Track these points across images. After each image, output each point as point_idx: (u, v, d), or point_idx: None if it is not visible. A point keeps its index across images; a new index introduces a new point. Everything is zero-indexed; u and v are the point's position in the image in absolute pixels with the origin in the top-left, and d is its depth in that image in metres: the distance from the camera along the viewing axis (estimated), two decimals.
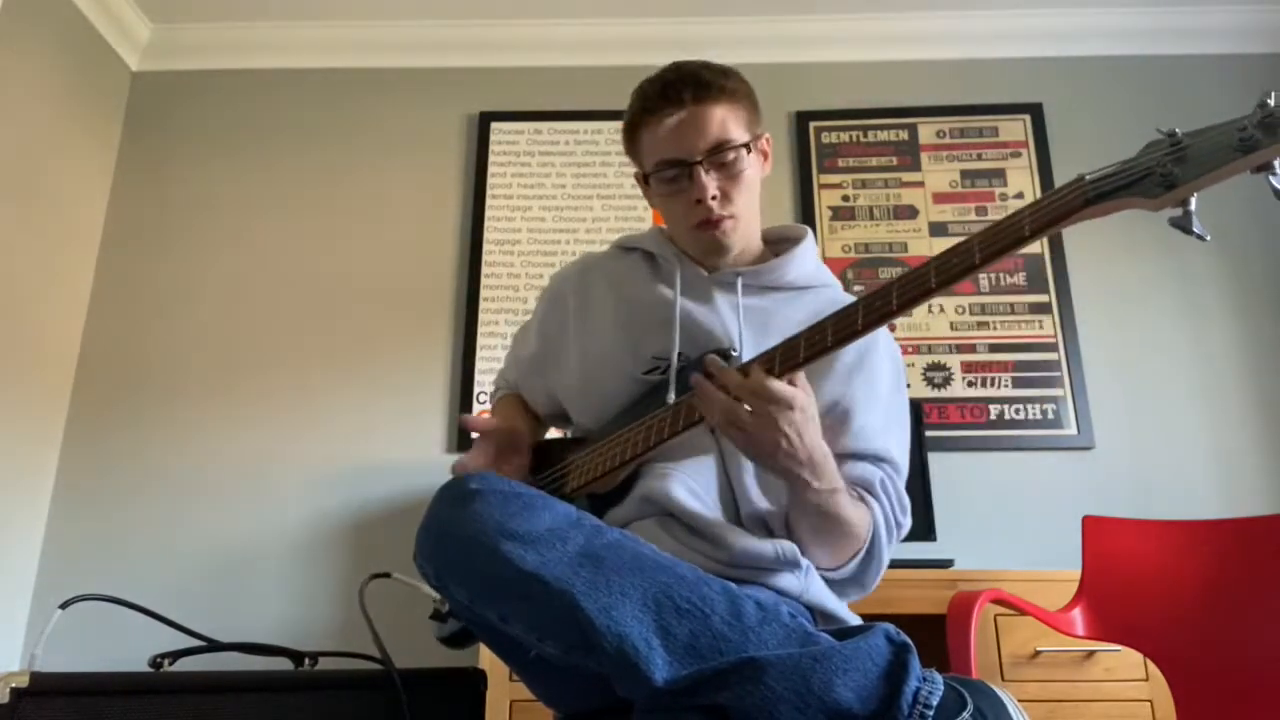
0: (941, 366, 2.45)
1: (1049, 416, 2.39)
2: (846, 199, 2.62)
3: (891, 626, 0.80)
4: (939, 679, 0.76)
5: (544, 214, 2.64)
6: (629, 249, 1.28)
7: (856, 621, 1.04)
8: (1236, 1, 2.64)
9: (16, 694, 1.09)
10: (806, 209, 2.60)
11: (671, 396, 1.08)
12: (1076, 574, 1.63)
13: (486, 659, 1.64)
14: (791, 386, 0.92)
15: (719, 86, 1.12)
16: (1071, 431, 2.37)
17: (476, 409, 2.43)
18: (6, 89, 2.27)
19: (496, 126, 2.72)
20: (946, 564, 1.99)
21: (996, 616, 1.79)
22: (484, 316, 2.52)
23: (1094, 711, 1.72)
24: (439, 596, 1.11)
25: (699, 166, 1.10)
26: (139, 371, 2.51)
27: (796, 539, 1.05)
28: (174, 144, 2.74)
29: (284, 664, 1.45)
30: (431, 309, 2.56)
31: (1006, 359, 2.44)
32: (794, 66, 2.72)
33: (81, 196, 2.58)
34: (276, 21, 2.78)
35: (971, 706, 0.75)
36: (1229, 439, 2.37)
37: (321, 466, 2.42)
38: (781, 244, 1.23)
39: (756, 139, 1.15)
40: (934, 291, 0.87)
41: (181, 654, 1.40)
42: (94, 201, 2.64)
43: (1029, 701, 1.69)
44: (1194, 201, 0.76)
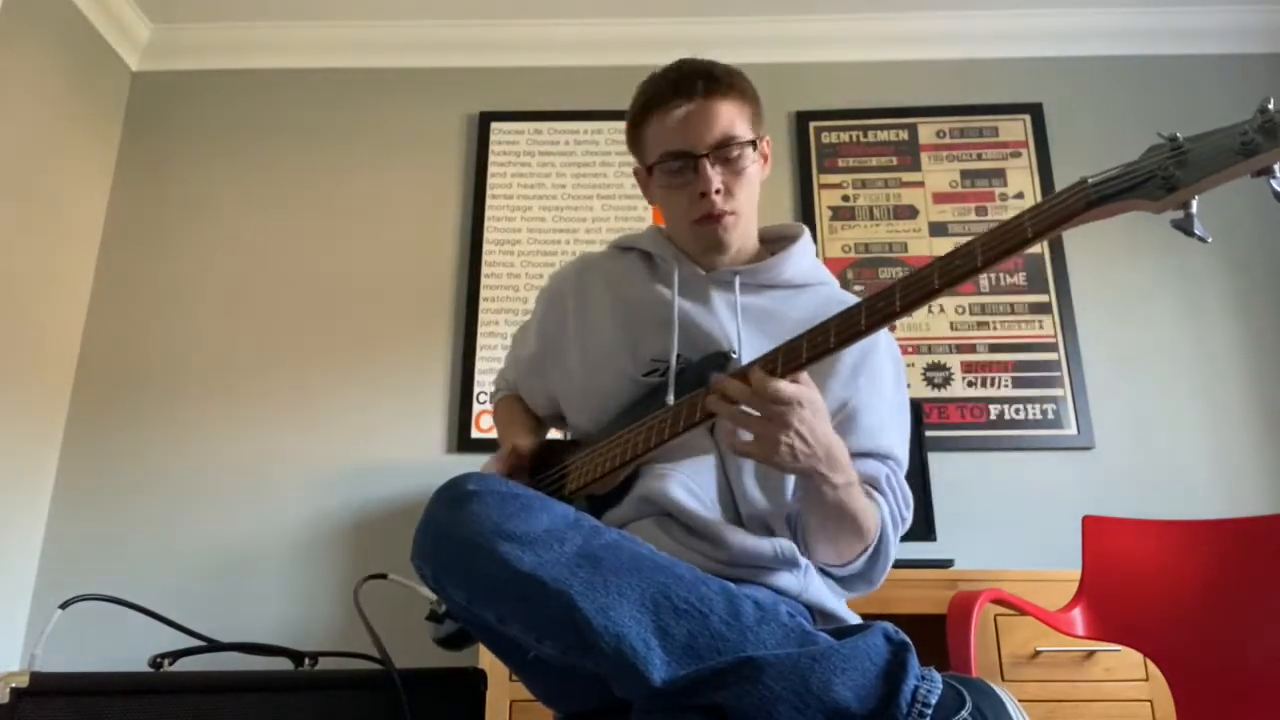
0: (941, 366, 2.45)
1: (1049, 416, 2.38)
2: (846, 199, 2.62)
3: (890, 625, 0.80)
4: (938, 677, 0.76)
5: (544, 214, 2.64)
6: (627, 249, 1.28)
7: (855, 621, 1.04)
8: (1237, 1, 2.64)
9: (16, 694, 1.09)
10: (806, 209, 2.60)
11: (670, 398, 1.08)
12: (1076, 574, 1.63)
13: (486, 659, 1.64)
14: (796, 384, 0.92)
15: (728, 84, 1.13)
16: (1071, 431, 2.37)
17: (476, 409, 2.43)
18: (6, 89, 2.27)
19: (496, 126, 2.72)
20: (946, 564, 1.99)
21: (996, 616, 1.79)
22: (484, 316, 2.53)
23: (1094, 711, 1.72)
24: (436, 597, 1.12)
25: (705, 160, 1.10)
26: (139, 371, 2.52)
27: (806, 536, 1.05)
28: (174, 144, 2.74)
29: (284, 664, 1.45)
30: (431, 309, 2.56)
31: (1006, 359, 2.44)
32: (794, 66, 2.72)
33: (81, 196, 2.58)
34: (276, 21, 2.78)
35: (970, 705, 0.75)
36: (1229, 439, 2.36)
37: (321, 466, 2.42)
38: (778, 243, 1.23)
39: (760, 139, 1.16)
40: (937, 293, 0.87)
41: (181, 654, 1.40)
42: (94, 201, 2.64)
43: (1029, 701, 1.69)
44: (1195, 204, 0.76)
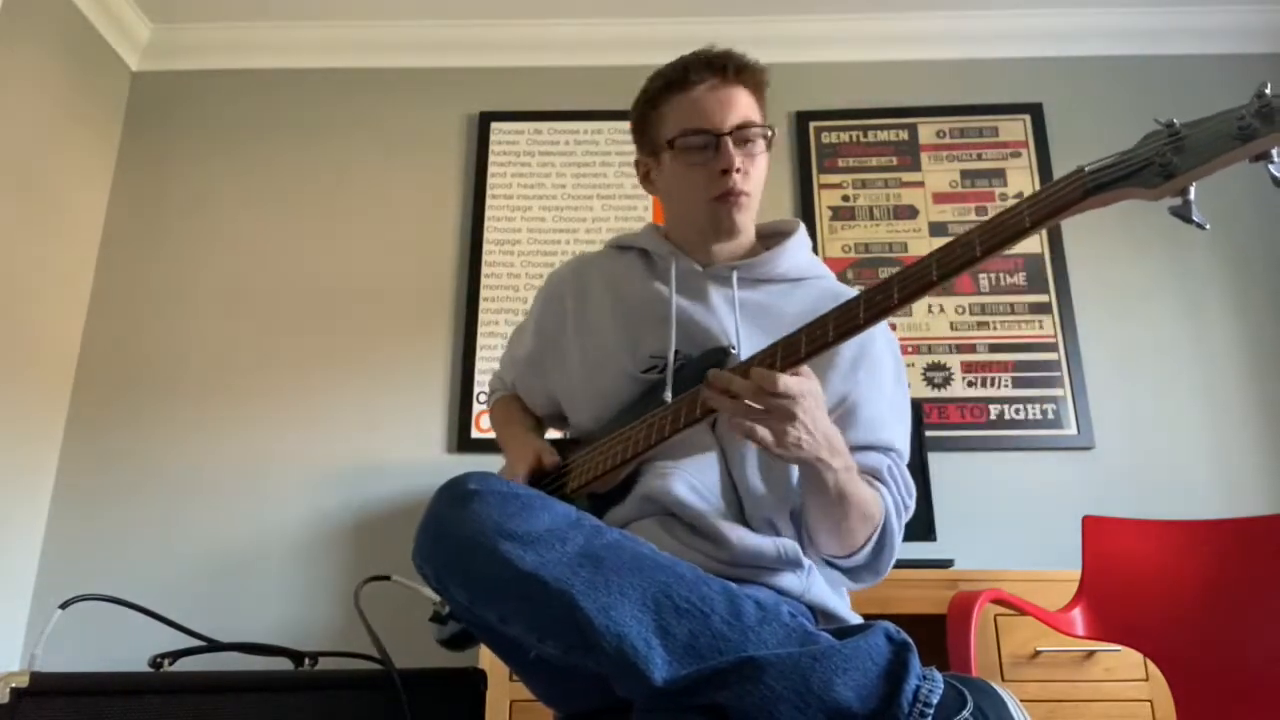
0: (941, 366, 2.45)
1: (1049, 416, 2.38)
2: (846, 199, 2.62)
3: (891, 625, 0.80)
4: (939, 677, 0.76)
5: (544, 214, 2.64)
6: (624, 248, 1.28)
7: (857, 621, 1.04)
8: (1237, 1, 2.64)
9: (16, 694, 1.10)
10: (806, 209, 2.60)
11: (669, 395, 1.08)
12: (1076, 574, 1.63)
13: (486, 659, 1.64)
14: (795, 377, 0.92)
15: (752, 72, 1.17)
16: (1071, 431, 2.37)
17: (476, 409, 2.43)
18: (6, 89, 2.27)
19: (496, 126, 2.72)
20: (946, 564, 1.99)
21: (996, 616, 1.79)
22: (484, 316, 2.53)
23: (1094, 711, 1.72)
24: (439, 598, 1.12)
25: (727, 138, 1.12)
26: (139, 370, 2.51)
27: (809, 528, 1.05)
28: (174, 144, 2.74)
29: (284, 664, 1.45)
30: (431, 309, 2.56)
31: (1006, 359, 2.44)
32: (794, 66, 2.72)
33: (82, 196, 2.58)
34: (276, 21, 2.78)
35: (971, 705, 0.75)
36: (1229, 439, 2.36)
37: (321, 466, 2.42)
38: (774, 238, 1.24)
39: (771, 129, 1.18)
40: (935, 284, 0.87)
41: (181, 654, 1.40)
42: (94, 201, 2.64)
43: (1029, 701, 1.69)
44: (1193, 191, 0.76)
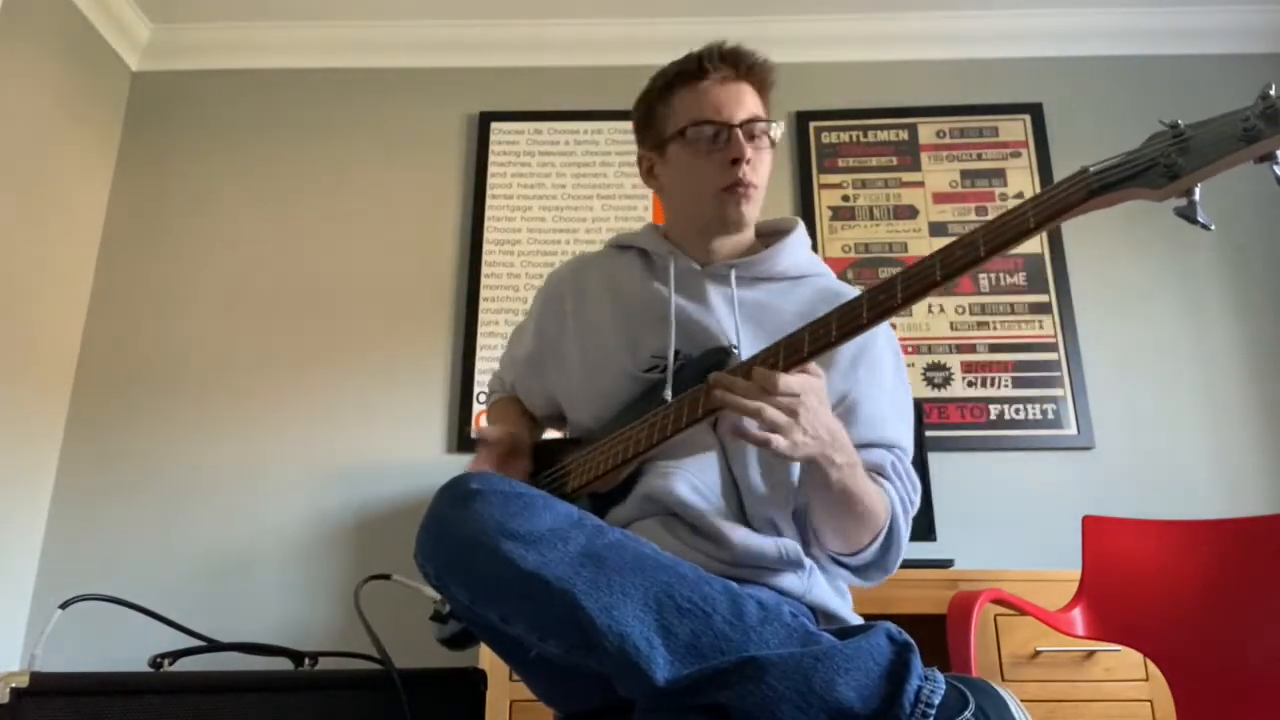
0: (941, 366, 2.45)
1: (1049, 416, 2.39)
2: (846, 199, 2.62)
3: (893, 626, 0.80)
4: (941, 678, 0.76)
5: (544, 214, 2.64)
6: (624, 247, 1.28)
7: (858, 622, 1.04)
8: (1237, 1, 2.64)
9: (16, 694, 1.10)
10: (806, 209, 2.60)
11: (669, 394, 1.08)
12: (1076, 574, 1.63)
13: (486, 659, 1.64)
14: (798, 375, 0.92)
15: (763, 70, 1.19)
16: (1071, 431, 2.37)
17: (476, 409, 2.43)
18: (7, 89, 2.27)
19: (496, 126, 2.72)
20: (946, 564, 1.99)
21: (996, 616, 1.79)
22: (484, 316, 2.52)
23: (1094, 711, 1.72)
24: (439, 598, 1.11)
25: (738, 130, 1.13)
26: (139, 370, 2.51)
27: (816, 526, 1.05)
28: (174, 144, 2.74)
29: (284, 664, 1.45)
30: (431, 309, 2.56)
31: (1006, 359, 2.44)
32: (794, 66, 2.72)
33: (82, 196, 2.58)
34: (276, 21, 2.78)
35: (973, 705, 0.75)
36: (1229, 439, 2.36)
37: (321, 466, 2.42)
38: (773, 236, 1.24)
39: (779, 127, 1.19)
40: (939, 284, 0.87)
41: (181, 654, 1.40)
42: (94, 201, 2.63)
43: (1029, 701, 1.68)
44: (1198, 191, 0.76)
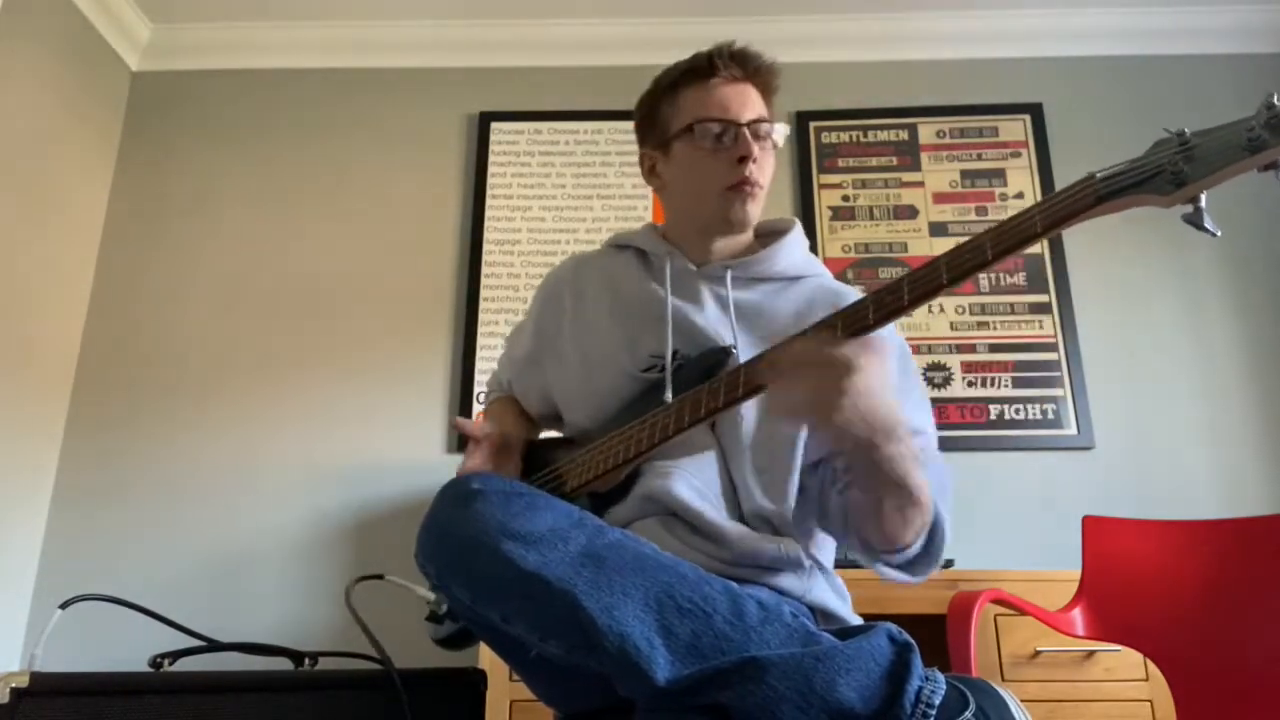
0: (941, 366, 2.45)
1: (1049, 416, 2.39)
2: (846, 199, 2.62)
3: (894, 626, 0.80)
4: (941, 678, 0.76)
5: (544, 214, 2.63)
6: (622, 247, 1.28)
7: (858, 622, 1.04)
8: (1237, 1, 2.64)
9: (16, 694, 1.10)
10: (806, 209, 2.60)
11: (669, 395, 1.08)
12: (1076, 574, 1.63)
13: (486, 659, 1.64)
14: (850, 344, 0.86)
15: (770, 75, 1.18)
16: (1071, 431, 2.37)
17: (476, 409, 2.43)
18: (7, 89, 2.27)
19: (496, 126, 2.72)
20: (947, 564, 1.99)
21: (996, 616, 1.79)
22: (484, 316, 2.52)
23: (1094, 711, 1.72)
24: (434, 598, 1.11)
25: (745, 129, 1.13)
26: (139, 370, 2.51)
27: (859, 523, 1.00)
28: (174, 144, 2.74)
29: (284, 664, 1.46)
30: (431, 309, 2.56)
31: (1006, 359, 2.44)
32: (794, 66, 2.69)
33: (82, 196, 2.58)
34: (276, 21, 2.78)
35: (974, 705, 0.75)
36: (1229, 439, 2.36)
37: (321, 466, 2.42)
38: (770, 236, 1.24)
39: (784, 129, 1.19)
40: (945, 287, 0.87)
41: (181, 654, 1.40)
42: (94, 200, 2.63)
43: (1029, 701, 1.68)
44: (1204, 198, 0.76)
